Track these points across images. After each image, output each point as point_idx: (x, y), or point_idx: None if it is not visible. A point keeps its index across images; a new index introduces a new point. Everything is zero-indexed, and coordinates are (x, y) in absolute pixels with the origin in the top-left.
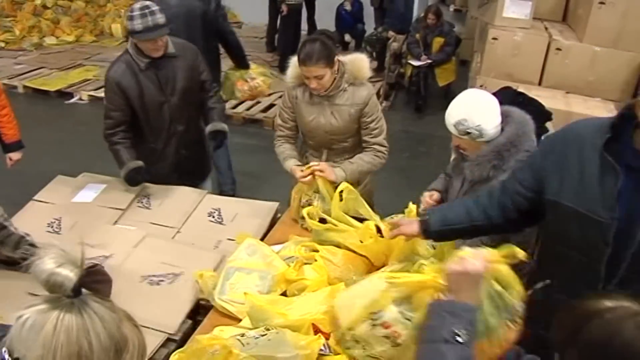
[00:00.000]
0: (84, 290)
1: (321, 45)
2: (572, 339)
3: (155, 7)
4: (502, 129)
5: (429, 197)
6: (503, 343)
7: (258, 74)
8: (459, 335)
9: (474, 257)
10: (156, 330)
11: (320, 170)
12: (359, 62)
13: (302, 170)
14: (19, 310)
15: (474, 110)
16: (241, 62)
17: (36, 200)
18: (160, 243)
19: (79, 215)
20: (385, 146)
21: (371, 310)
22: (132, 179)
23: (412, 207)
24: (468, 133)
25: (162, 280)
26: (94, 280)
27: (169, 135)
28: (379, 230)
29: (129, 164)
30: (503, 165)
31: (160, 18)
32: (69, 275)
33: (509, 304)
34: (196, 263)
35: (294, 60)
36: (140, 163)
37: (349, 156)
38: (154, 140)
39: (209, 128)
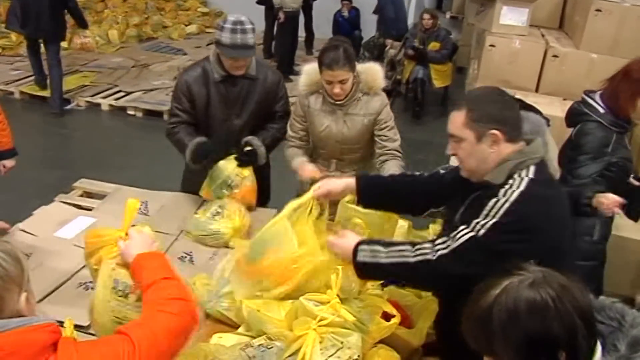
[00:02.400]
0: None
1: (345, 51)
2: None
3: (248, 25)
4: None
5: None
6: None
7: (92, 35)
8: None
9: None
10: None
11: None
12: (374, 72)
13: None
14: None
15: None
16: (79, 22)
17: (20, 229)
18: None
19: (48, 256)
20: (402, 153)
21: None
22: (202, 152)
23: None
24: None
25: None
26: None
27: (228, 153)
28: None
29: (193, 140)
30: None
31: (251, 39)
32: None
33: None
34: None
35: (306, 68)
36: (204, 138)
37: (358, 167)
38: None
39: (246, 138)
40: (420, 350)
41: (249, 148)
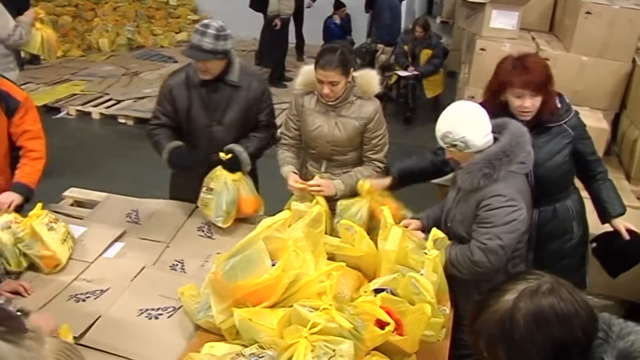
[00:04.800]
0: None
1: (342, 54)
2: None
3: (211, 30)
4: (496, 140)
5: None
6: None
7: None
8: None
9: None
10: None
11: (319, 187)
12: (369, 77)
13: (296, 181)
14: None
15: (458, 123)
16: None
17: None
18: (158, 275)
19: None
20: (385, 164)
21: None
22: (177, 160)
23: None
24: (454, 145)
25: (160, 314)
26: (2, 319)
27: (210, 160)
28: None
29: (169, 144)
30: (494, 174)
31: (208, 43)
32: None
33: None
34: None
35: (304, 68)
36: (180, 143)
37: (349, 170)
38: None
39: (228, 146)
40: (414, 357)
41: (229, 155)
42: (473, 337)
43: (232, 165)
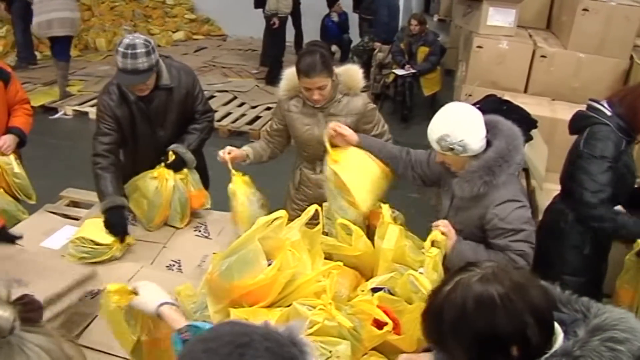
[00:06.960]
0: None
1: (321, 57)
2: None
3: (140, 49)
4: (489, 142)
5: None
6: None
7: None
8: None
9: None
10: None
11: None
12: (352, 72)
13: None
14: None
15: (457, 125)
16: None
17: None
18: (155, 275)
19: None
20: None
21: None
22: (113, 220)
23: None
24: (451, 149)
25: None
26: (28, 310)
27: (159, 163)
28: None
29: (113, 198)
30: (494, 180)
31: (142, 63)
32: (4, 315)
33: None
34: None
35: (286, 72)
36: (124, 201)
37: None
38: (142, 167)
39: (171, 147)
40: None
41: (173, 157)
42: (421, 329)
43: (177, 166)
